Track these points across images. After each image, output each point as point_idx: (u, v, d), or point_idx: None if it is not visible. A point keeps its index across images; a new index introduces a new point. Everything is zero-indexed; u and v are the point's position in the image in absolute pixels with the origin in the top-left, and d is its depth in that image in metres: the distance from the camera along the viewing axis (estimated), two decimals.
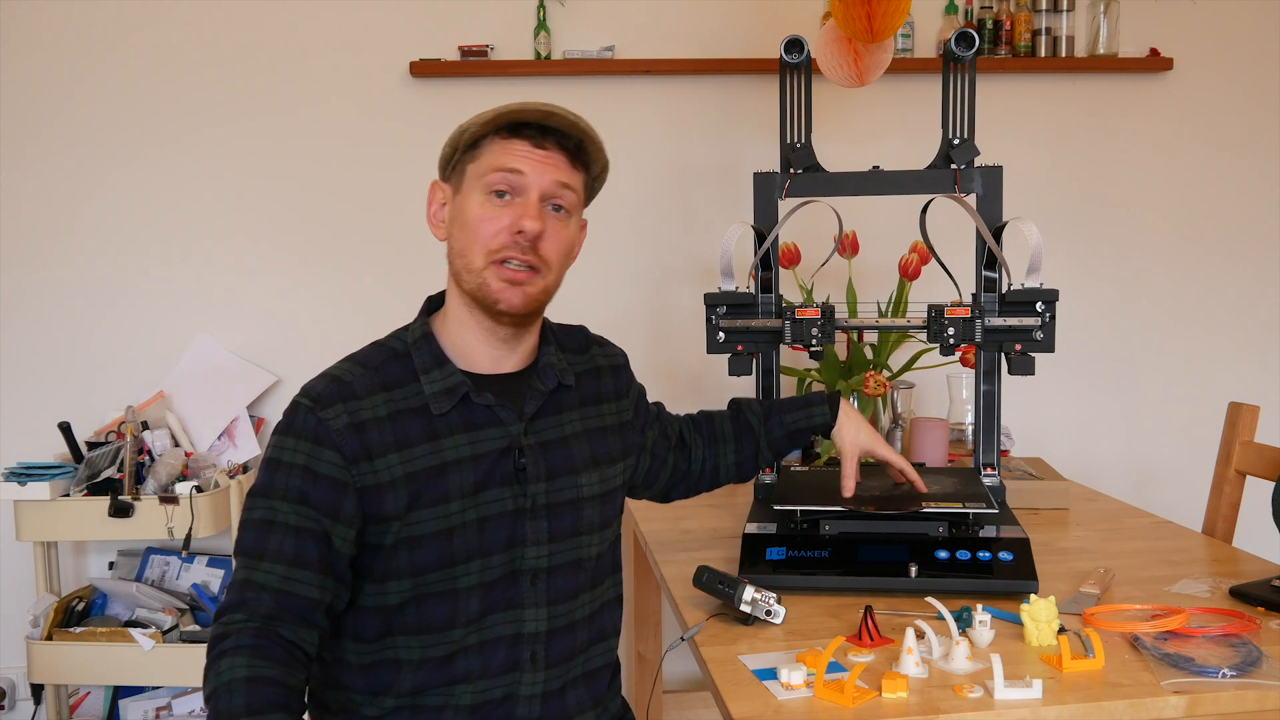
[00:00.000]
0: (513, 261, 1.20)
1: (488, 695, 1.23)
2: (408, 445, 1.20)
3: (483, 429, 1.23)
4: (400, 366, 1.24)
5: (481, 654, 1.22)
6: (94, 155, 2.55)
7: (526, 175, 1.20)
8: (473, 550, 1.21)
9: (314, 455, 1.18)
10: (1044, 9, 2.68)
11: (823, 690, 1.12)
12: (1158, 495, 2.75)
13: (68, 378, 2.58)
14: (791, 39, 1.78)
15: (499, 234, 1.20)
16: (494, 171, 1.20)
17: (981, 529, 1.49)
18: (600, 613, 1.33)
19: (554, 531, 1.25)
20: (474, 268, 1.21)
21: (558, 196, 1.23)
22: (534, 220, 1.19)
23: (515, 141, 1.21)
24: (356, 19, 2.57)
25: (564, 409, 1.31)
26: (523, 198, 1.21)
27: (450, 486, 1.20)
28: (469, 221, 1.21)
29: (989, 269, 1.71)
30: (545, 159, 1.21)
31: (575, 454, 1.29)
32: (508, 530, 1.23)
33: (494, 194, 1.21)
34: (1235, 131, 2.79)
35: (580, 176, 1.26)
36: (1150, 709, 1.09)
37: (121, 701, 2.50)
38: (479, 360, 1.26)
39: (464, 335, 1.26)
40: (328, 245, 2.61)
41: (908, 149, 2.27)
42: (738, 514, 1.86)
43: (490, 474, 1.22)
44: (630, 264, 2.69)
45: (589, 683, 1.31)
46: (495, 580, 1.23)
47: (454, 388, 1.23)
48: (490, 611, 1.23)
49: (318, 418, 1.18)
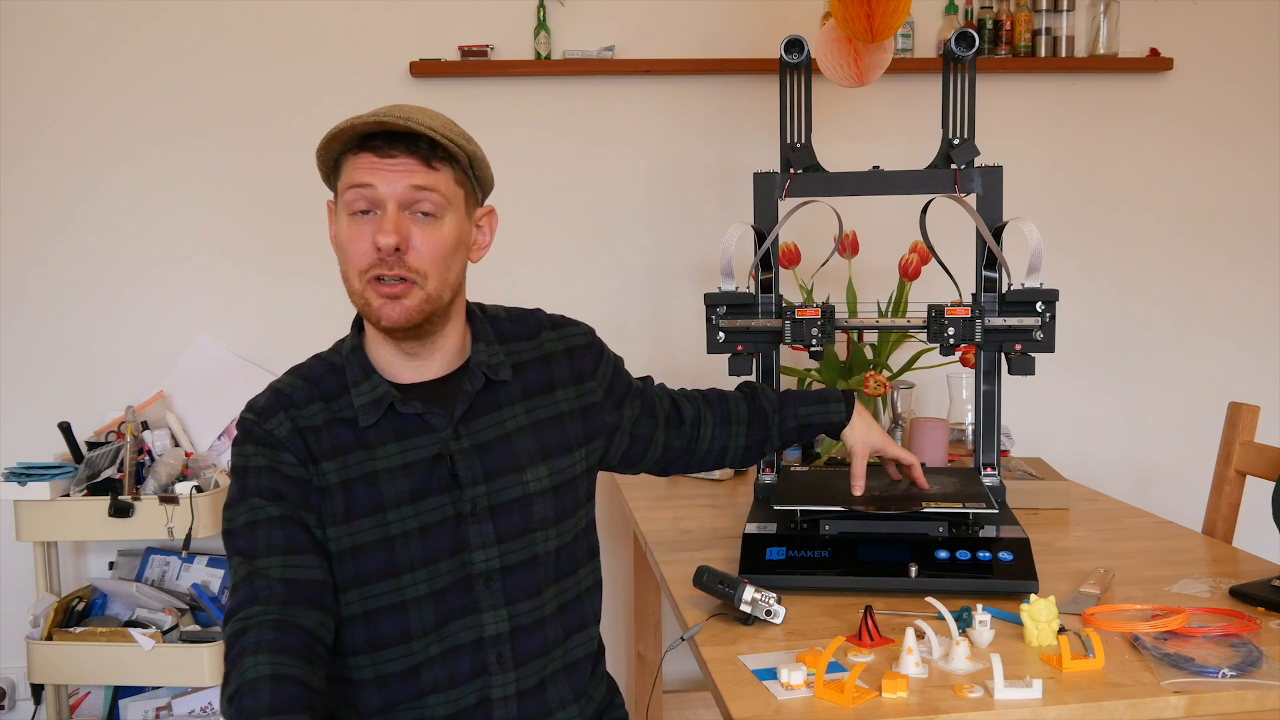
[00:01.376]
0: (384, 278, 1.18)
1: (461, 703, 1.23)
2: (343, 453, 1.22)
3: (413, 437, 1.24)
4: (335, 380, 1.27)
5: (446, 663, 1.23)
6: (94, 155, 2.55)
7: (377, 188, 1.17)
8: (417, 559, 1.21)
9: (273, 458, 1.22)
10: (1044, 9, 2.68)
11: (823, 690, 1.12)
12: (1158, 495, 2.75)
13: (68, 378, 2.58)
14: (791, 39, 1.78)
15: (365, 253, 1.18)
16: (349, 190, 1.19)
17: (981, 529, 1.49)
18: (575, 603, 1.33)
19: (502, 532, 1.24)
20: (354, 289, 1.21)
21: (417, 202, 1.18)
22: (387, 235, 1.16)
23: (363, 155, 1.18)
24: (356, 19, 2.57)
25: (503, 405, 1.29)
26: (381, 210, 1.18)
27: (385, 495, 1.21)
28: (340, 244, 1.22)
29: (989, 269, 1.71)
30: (394, 166, 1.17)
31: (519, 450, 1.27)
32: (450, 537, 1.23)
33: (358, 213, 1.19)
34: (1235, 131, 2.79)
35: (442, 174, 1.20)
36: (1150, 709, 1.09)
37: (121, 701, 2.50)
38: (401, 372, 1.27)
39: (379, 350, 1.27)
40: (328, 245, 2.61)
41: (908, 149, 2.27)
42: (738, 514, 1.86)
43: (426, 482, 1.23)
44: (630, 264, 2.69)
45: (570, 675, 1.31)
46: (447, 587, 1.23)
47: (380, 399, 1.23)
48: (449, 620, 1.23)
49: (263, 429, 1.23)
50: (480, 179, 1.27)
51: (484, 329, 1.32)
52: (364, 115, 1.16)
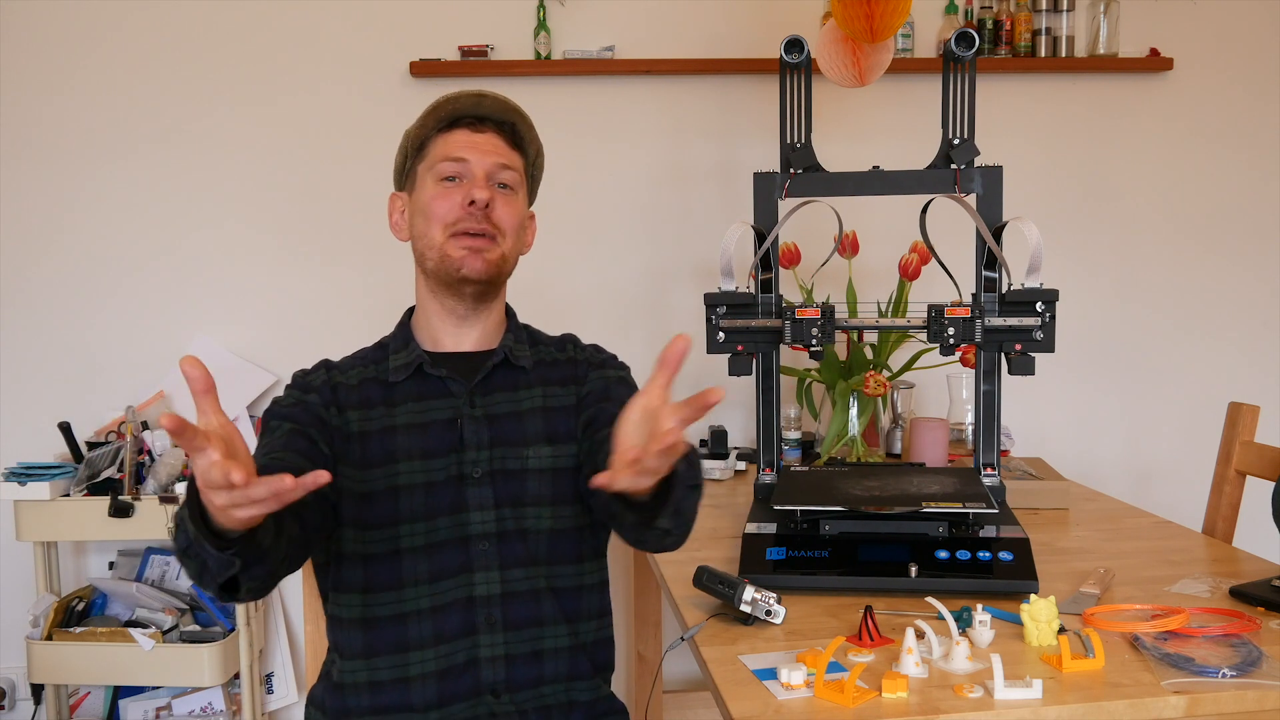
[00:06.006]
0: (470, 230, 1.31)
1: (450, 660, 1.28)
2: (367, 406, 1.33)
3: (432, 399, 1.34)
4: (379, 351, 1.41)
5: (434, 618, 1.29)
6: (95, 155, 2.55)
7: (469, 160, 1.33)
8: (418, 512, 1.29)
9: (301, 397, 1.34)
10: (1044, 9, 2.67)
11: (823, 690, 1.11)
12: (1158, 495, 2.75)
13: (68, 378, 2.58)
14: (791, 39, 1.78)
15: (453, 209, 1.32)
16: (440, 162, 1.34)
17: (981, 529, 1.49)
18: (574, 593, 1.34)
19: (499, 498, 1.31)
20: (435, 244, 1.32)
21: (501, 175, 1.34)
22: (483, 190, 1.30)
23: (455, 133, 1.35)
24: (356, 19, 2.57)
25: (520, 387, 1.37)
26: (471, 178, 1.33)
27: (398, 449, 1.31)
28: (425, 207, 1.34)
29: (989, 269, 1.71)
30: (484, 143, 1.34)
31: (527, 427, 1.34)
32: (451, 495, 1.30)
33: (444, 180, 1.33)
34: (1235, 131, 2.79)
35: (518, 157, 1.38)
36: (1150, 709, 1.09)
37: (121, 701, 2.50)
38: (441, 338, 1.37)
39: (428, 320, 1.38)
40: (328, 245, 2.61)
41: (908, 149, 2.27)
42: (738, 514, 1.86)
43: (438, 441, 1.32)
44: (630, 264, 2.69)
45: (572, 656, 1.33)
46: (442, 543, 1.29)
47: (411, 360, 1.36)
48: (441, 576, 1.29)
49: (303, 378, 1.37)
50: (536, 182, 1.45)
51: (519, 332, 1.43)
52: (460, 92, 1.36)
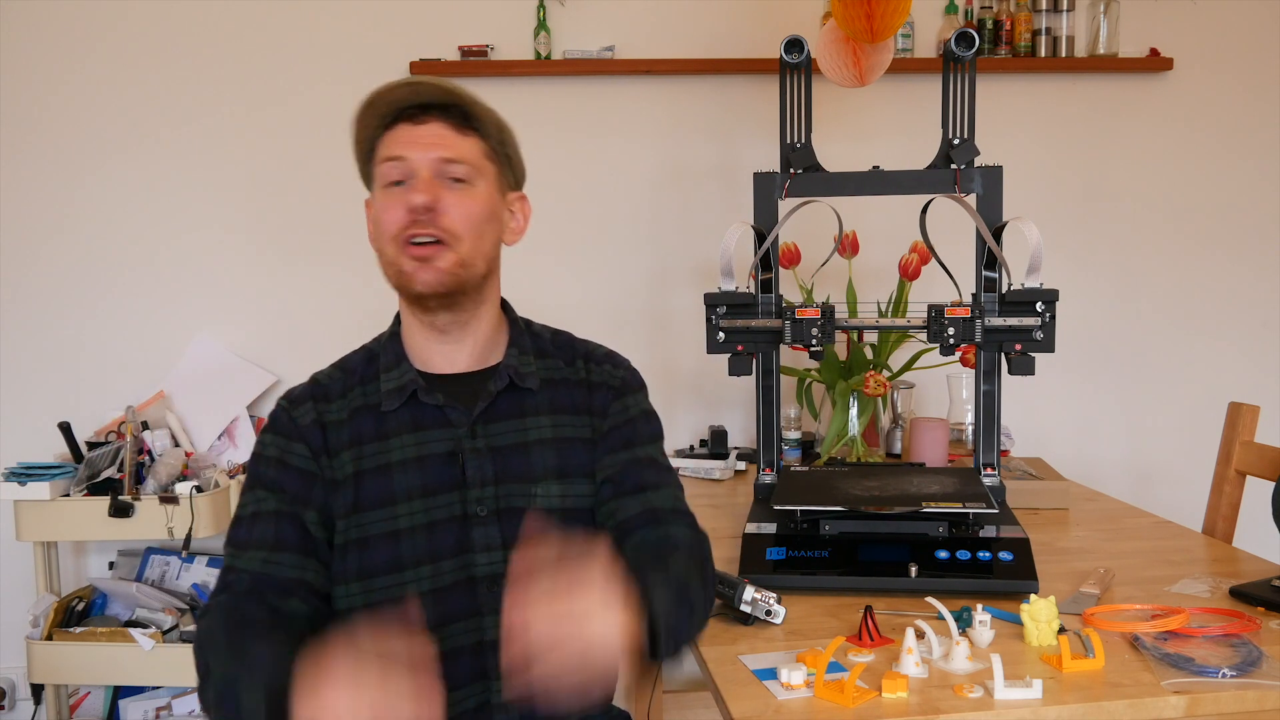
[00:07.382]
0: (416, 238, 1.18)
1: (461, 707, 1.20)
2: (359, 443, 1.23)
3: (430, 430, 1.23)
4: (371, 366, 1.28)
5: (443, 665, 1.16)
6: (95, 155, 2.55)
7: (409, 158, 1.19)
8: (421, 555, 1.20)
9: (286, 449, 1.23)
10: (1044, 9, 2.68)
11: (823, 690, 1.11)
12: (1158, 495, 2.75)
13: (68, 378, 2.58)
14: (791, 39, 1.78)
15: (399, 217, 1.19)
16: (383, 163, 1.21)
17: (981, 529, 1.49)
18: None
19: (508, 538, 1.21)
20: (388, 258, 1.21)
21: (450, 169, 1.20)
22: (422, 193, 1.17)
23: (396, 128, 1.21)
24: (356, 19, 2.57)
25: (527, 414, 1.26)
26: (414, 178, 1.19)
27: (396, 489, 1.21)
28: (377, 217, 1.22)
29: (989, 269, 1.71)
30: (425, 135, 1.20)
31: (535, 460, 1.24)
32: (455, 536, 1.21)
33: (391, 185, 1.20)
34: (1235, 131, 2.79)
35: (473, 143, 1.23)
36: (1150, 709, 1.09)
37: (121, 701, 2.50)
38: (431, 357, 1.26)
39: (412, 336, 1.27)
40: (328, 245, 2.61)
41: (908, 149, 2.27)
42: (738, 514, 1.86)
43: (439, 478, 1.22)
44: (630, 264, 2.69)
45: None
46: (448, 587, 1.20)
47: (404, 385, 1.24)
48: (448, 621, 1.20)
49: (288, 416, 1.24)
50: (511, 159, 1.30)
51: (522, 339, 1.31)
52: (391, 83, 1.20)
